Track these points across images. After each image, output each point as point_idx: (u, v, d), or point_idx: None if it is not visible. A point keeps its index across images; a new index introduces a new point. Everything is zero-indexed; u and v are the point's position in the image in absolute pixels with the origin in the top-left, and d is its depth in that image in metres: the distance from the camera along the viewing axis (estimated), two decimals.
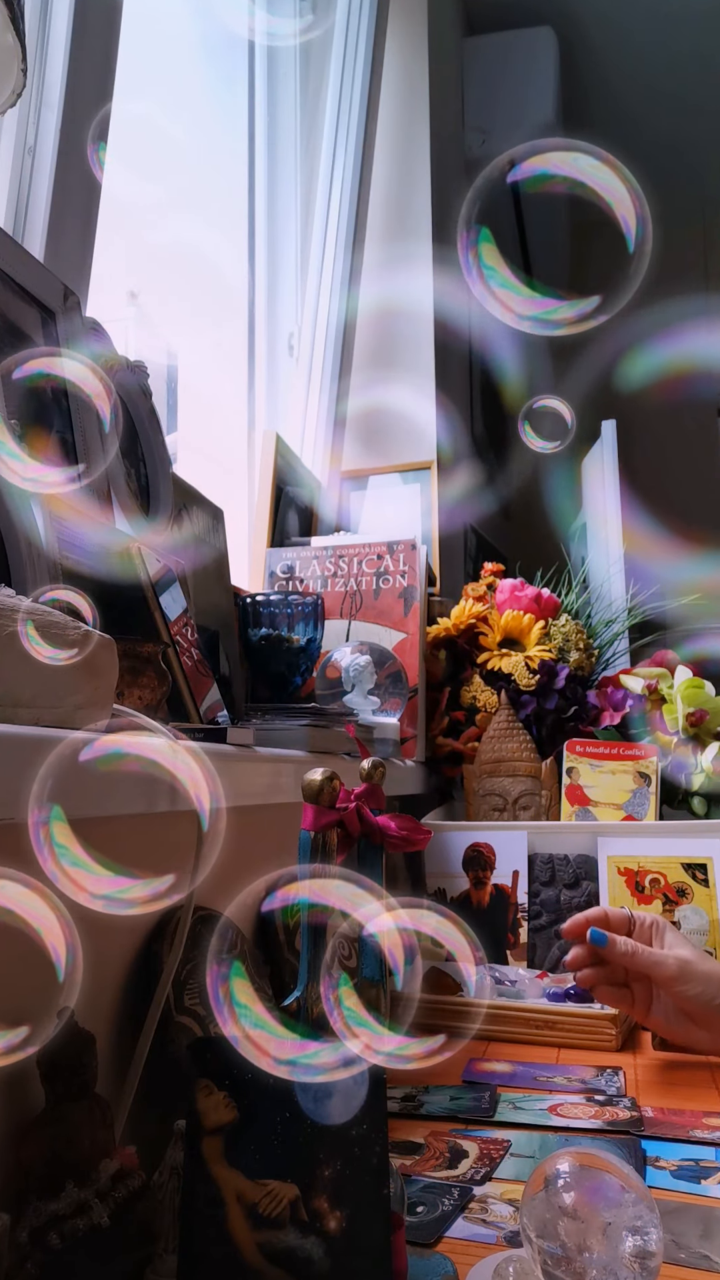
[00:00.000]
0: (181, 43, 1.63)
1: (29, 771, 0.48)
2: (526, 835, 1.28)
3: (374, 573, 1.45)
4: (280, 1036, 0.42)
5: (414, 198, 2.10)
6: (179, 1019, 0.67)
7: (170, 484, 1.03)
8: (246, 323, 1.78)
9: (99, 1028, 0.62)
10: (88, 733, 0.46)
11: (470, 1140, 0.78)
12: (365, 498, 1.91)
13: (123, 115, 1.06)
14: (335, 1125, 0.48)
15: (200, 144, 1.69)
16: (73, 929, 0.40)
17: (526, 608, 1.52)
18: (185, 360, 1.51)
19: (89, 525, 0.79)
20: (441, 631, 1.51)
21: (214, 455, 1.62)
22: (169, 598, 0.86)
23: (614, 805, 1.35)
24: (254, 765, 0.80)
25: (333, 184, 1.90)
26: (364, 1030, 0.43)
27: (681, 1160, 0.74)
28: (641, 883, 1.19)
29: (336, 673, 1.26)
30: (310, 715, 1.02)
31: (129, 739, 0.46)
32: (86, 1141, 0.54)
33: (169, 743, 0.48)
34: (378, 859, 0.59)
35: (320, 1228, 0.48)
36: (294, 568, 1.47)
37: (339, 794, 0.57)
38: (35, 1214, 0.50)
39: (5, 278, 0.81)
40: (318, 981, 0.55)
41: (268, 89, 1.86)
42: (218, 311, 1.72)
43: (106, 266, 1.05)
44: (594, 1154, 0.53)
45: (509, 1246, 0.60)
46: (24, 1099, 0.56)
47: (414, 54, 2.15)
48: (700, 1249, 0.60)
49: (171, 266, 1.50)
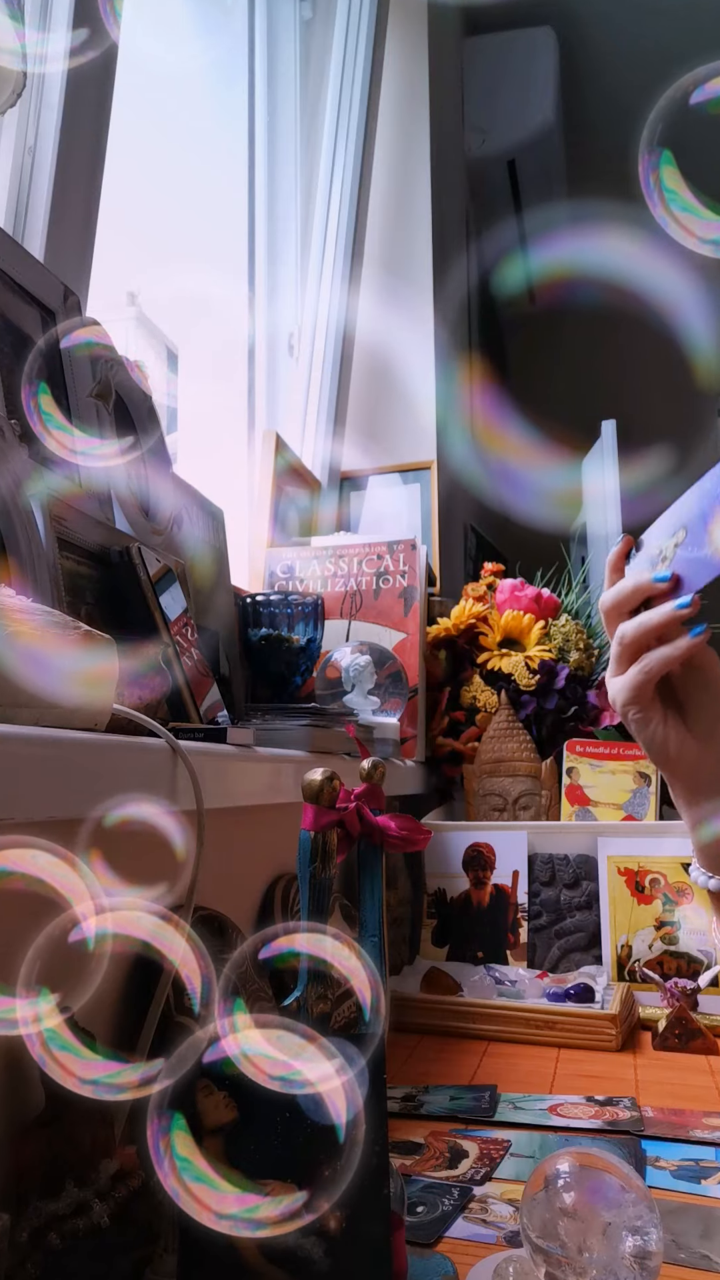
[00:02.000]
0: (182, 43, 1.63)
1: (29, 771, 0.48)
2: (526, 835, 1.28)
3: (374, 573, 1.45)
4: (221, 1190, 0.42)
5: (414, 197, 2.10)
6: (179, 1019, 0.67)
7: (170, 484, 1.03)
8: (246, 323, 1.78)
9: (99, 1028, 0.62)
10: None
11: (470, 1140, 0.78)
12: (365, 498, 1.91)
13: (123, 115, 1.06)
14: (335, 1125, 0.48)
15: (201, 144, 1.69)
16: None
17: (526, 608, 1.52)
18: (185, 360, 1.51)
19: (89, 525, 0.79)
20: (441, 631, 1.51)
21: (214, 455, 1.62)
22: (169, 598, 0.86)
23: (614, 805, 1.35)
24: (254, 765, 0.80)
25: (333, 183, 1.90)
26: (201, 1186, 0.42)
27: (681, 1160, 0.74)
28: (641, 883, 1.19)
29: (336, 673, 1.26)
30: (310, 715, 1.02)
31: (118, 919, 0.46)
32: (86, 1141, 0.54)
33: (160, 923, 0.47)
34: (378, 859, 0.59)
35: (320, 1228, 0.48)
36: (294, 568, 1.47)
37: (339, 794, 0.57)
38: (35, 1214, 0.50)
39: (5, 278, 0.81)
40: (318, 981, 0.55)
41: (268, 89, 1.86)
42: (218, 311, 1.72)
43: (106, 266, 1.05)
44: (594, 1154, 0.53)
45: (509, 1246, 0.60)
46: (24, 1099, 0.56)
47: (414, 54, 2.15)
48: (700, 1249, 0.60)
49: (172, 266, 1.50)
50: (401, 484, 1.89)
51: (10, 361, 0.80)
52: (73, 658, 0.53)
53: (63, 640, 0.53)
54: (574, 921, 1.22)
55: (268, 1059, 0.41)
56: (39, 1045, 0.40)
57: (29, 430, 0.76)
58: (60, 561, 0.74)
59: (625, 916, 1.19)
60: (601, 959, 1.18)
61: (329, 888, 0.56)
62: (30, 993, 0.41)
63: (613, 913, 1.19)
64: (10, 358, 0.80)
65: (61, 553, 0.74)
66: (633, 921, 1.18)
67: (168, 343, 1.44)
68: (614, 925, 1.19)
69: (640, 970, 1.15)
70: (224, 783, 0.72)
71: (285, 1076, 0.41)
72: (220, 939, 0.78)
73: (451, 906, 1.28)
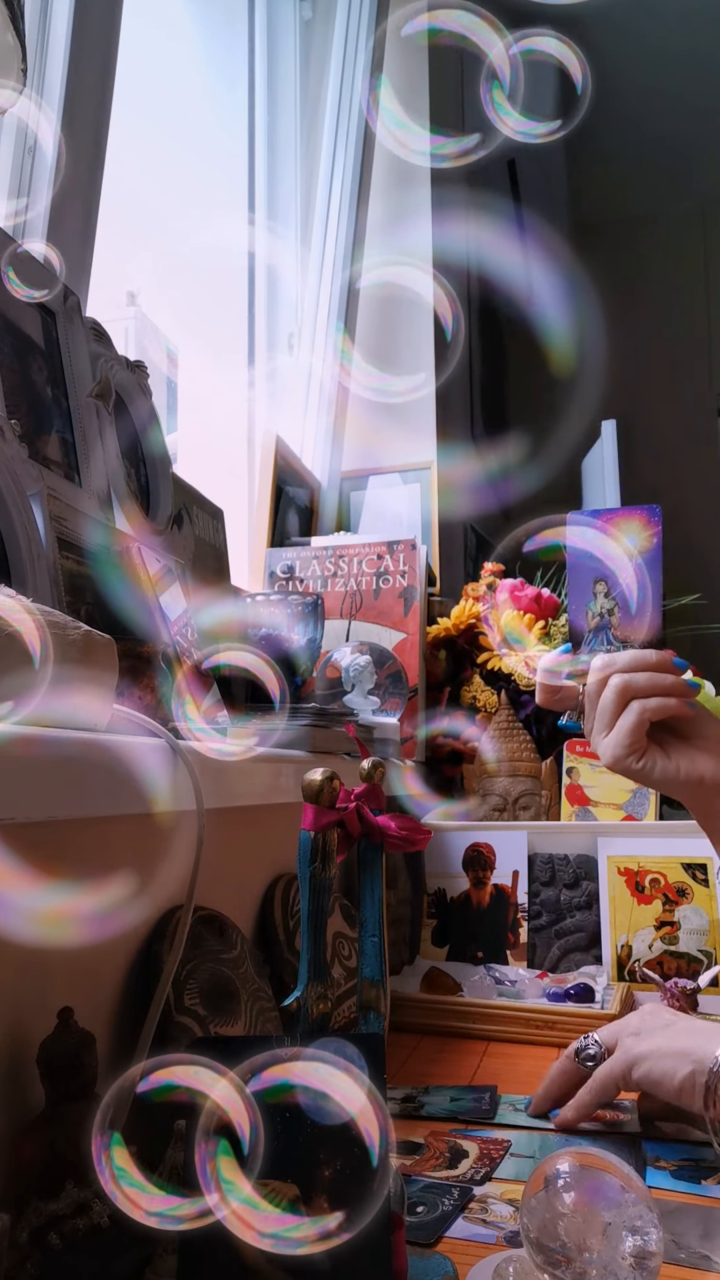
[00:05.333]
0: (182, 42, 1.63)
1: (29, 771, 0.48)
2: (526, 835, 1.28)
3: (374, 573, 1.45)
4: (264, 1211, 0.42)
5: (414, 197, 2.10)
6: (179, 1019, 0.67)
7: (170, 484, 1.03)
8: (246, 322, 1.78)
9: (99, 1028, 0.62)
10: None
11: (470, 1140, 0.78)
12: (365, 498, 1.91)
13: (123, 115, 1.06)
14: (335, 1125, 0.48)
15: (201, 143, 1.69)
16: None
17: (526, 608, 1.52)
18: (185, 360, 1.51)
19: (89, 525, 0.79)
20: (441, 631, 1.51)
21: (214, 455, 1.62)
22: (169, 598, 0.86)
23: (614, 805, 1.35)
24: (254, 765, 0.80)
25: (333, 183, 1.90)
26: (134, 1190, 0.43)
27: (681, 1160, 0.73)
28: (641, 883, 1.19)
29: (336, 673, 1.26)
30: (310, 715, 1.02)
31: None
32: (86, 1141, 0.54)
33: None
34: (378, 859, 0.59)
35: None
36: (294, 568, 1.47)
37: (339, 794, 0.57)
38: (35, 1214, 0.50)
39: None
40: (318, 981, 0.55)
41: (268, 88, 1.86)
42: (218, 311, 1.72)
43: (107, 266, 1.05)
44: (594, 1154, 0.53)
45: (509, 1246, 0.60)
46: (24, 1099, 0.56)
47: (414, 54, 2.15)
48: (700, 1249, 0.60)
49: (171, 266, 1.50)
50: (401, 484, 1.89)
51: (10, 361, 0.80)
52: (72, 658, 0.53)
53: (62, 640, 0.53)
54: (574, 921, 1.22)
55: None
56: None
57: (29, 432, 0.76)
58: (60, 561, 0.74)
59: (625, 916, 1.19)
60: (601, 959, 1.18)
61: (329, 888, 0.56)
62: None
63: (613, 913, 1.19)
64: (10, 358, 0.80)
65: (61, 553, 0.74)
66: (633, 921, 1.18)
67: (168, 343, 1.44)
68: (614, 925, 1.19)
69: (640, 970, 1.15)
70: (224, 783, 0.72)
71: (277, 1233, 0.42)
72: (220, 939, 0.78)
73: (451, 906, 1.27)
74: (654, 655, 0.67)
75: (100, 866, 0.66)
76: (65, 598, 0.73)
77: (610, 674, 0.67)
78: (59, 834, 0.62)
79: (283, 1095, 0.45)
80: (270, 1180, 0.49)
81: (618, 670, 0.67)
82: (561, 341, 2.41)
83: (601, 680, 0.68)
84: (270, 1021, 0.78)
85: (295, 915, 0.96)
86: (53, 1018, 0.55)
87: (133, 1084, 0.43)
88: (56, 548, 0.73)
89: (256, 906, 0.94)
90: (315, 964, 0.55)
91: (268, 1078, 0.45)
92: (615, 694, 0.67)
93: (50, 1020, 0.55)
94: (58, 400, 0.86)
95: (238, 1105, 0.43)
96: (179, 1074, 0.43)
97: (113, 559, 0.81)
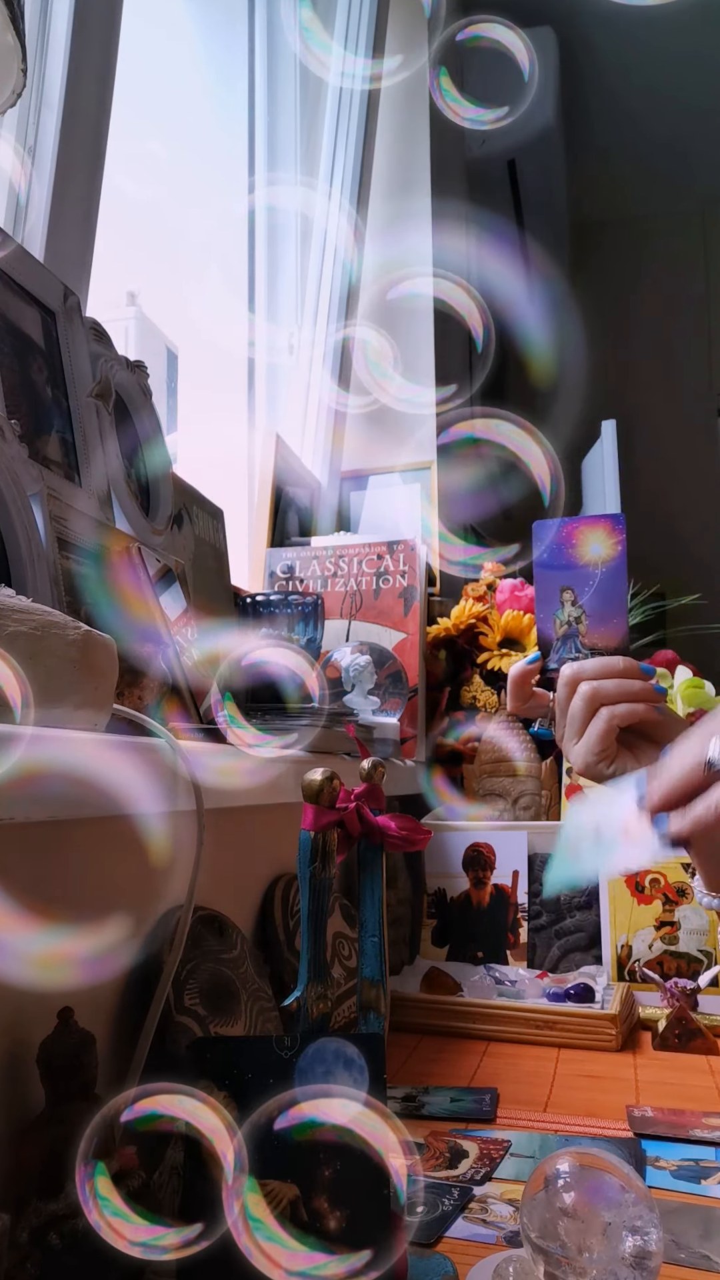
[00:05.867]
0: (182, 42, 1.63)
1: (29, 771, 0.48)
2: (526, 835, 1.28)
3: (374, 573, 1.45)
4: (291, 1249, 0.42)
5: (414, 198, 2.10)
6: (179, 1019, 0.67)
7: (170, 484, 1.03)
8: (246, 322, 1.78)
9: (99, 1028, 0.62)
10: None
11: (470, 1140, 0.78)
12: (365, 498, 1.91)
13: (123, 115, 1.06)
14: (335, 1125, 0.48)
15: (201, 144, 1.69)
16: None
17: (526, 608, 1.52)
18: (185, 361, 1.51)
19: (89, 525, 0.79)
20: (441, 631, 1.50)
21: (214, 455, 1.62)
22: (169, 598, 0.86)
23: None
24: (254, 766, 0.79)
25: (333, 183, 1.89)
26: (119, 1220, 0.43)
27: (681, 1160, 0.74)
28: (641, 883, 1.19)
29: (336, 673, 1.26)
30: (310, 715, 1.01)
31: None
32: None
33: None
34: (378, 859, 0.59)
35: (320, 1228, 0.48)
36: (294, 568, 1.47)
37: (339, 794, 0.57)
38: (35, 1214, 0.50)
39: (5, 278, 0.81)
40: (318, 981, 0.55)
41: (268, 88, 1.86)
42: (218, 311, 1.72)
43: (107, 266, 1.05)
44: (594, 1154, 0.53)
45: (509, 1246, 0.60)
46: (24, 1099, 0.56)
47: (414, 54, 2.15)
48: (700, 1249, 0.60)
49: (171, 266, 1.50)
50: (401, 484, 1.89)
51: (10, 361, 0.80)
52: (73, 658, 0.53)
53: (62, 640, 0.53)
54: (574, 921, 1.22)
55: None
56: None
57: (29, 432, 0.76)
58: (60, 561, 0.74)
59: (625, 916, 1.19)
60: (601, 959, 1.18)
61: (329, 888, 0.56)
62: None
63: (613, 913, 1.19)
64: (10, 358, 0.80)
65: (61, 553, 0.74)
66: (633, 921, 1.18)
67: (168, 343, 1.44)
68: (614, 925, 1.19)
69: (640, 970, 1.15)
70: (224, 783, 0.72)
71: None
72: (220, 939, 0.78)
73: (451, 906, 1.27)
74: (621, 662, 0.68)
75: (100, 867, 0.66)
76: (65, 598, 0.73)
77: (579, 681, 0.68)
78: (59, 834, 0.62)
79: (308, 1133, 0.45)
80: (270, 1180, 0.49)
81: (586, 678, 0.68)
82: (562, 342, 2.41)
83: (570, 688, 0.68)
84: (270, 1021, 0.78)
85: (295, 915, 0.96)
86: (53, 1018, 0.55)
87: (117, 1112, 0.44)
88: (56, 548, 0.73)
89: (256, 906, 0.94)
90: (315, 964, 0.55)
91: (294, 1115, 0.45)
92: (584, 701, 0.67)
93: (50, 1020, 0.55)
94: (58, 400, 0.86)
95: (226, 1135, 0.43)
96: (164, 1103, 0.44)
97: (112, 558, 0.81)
